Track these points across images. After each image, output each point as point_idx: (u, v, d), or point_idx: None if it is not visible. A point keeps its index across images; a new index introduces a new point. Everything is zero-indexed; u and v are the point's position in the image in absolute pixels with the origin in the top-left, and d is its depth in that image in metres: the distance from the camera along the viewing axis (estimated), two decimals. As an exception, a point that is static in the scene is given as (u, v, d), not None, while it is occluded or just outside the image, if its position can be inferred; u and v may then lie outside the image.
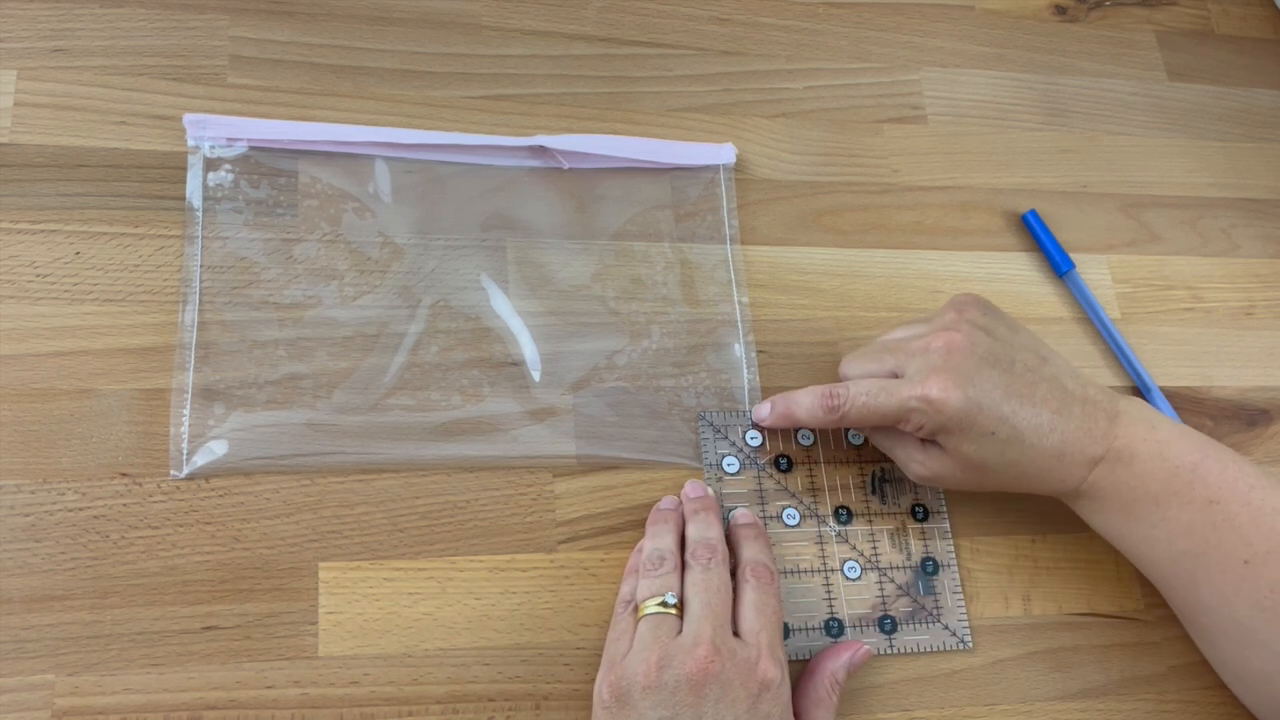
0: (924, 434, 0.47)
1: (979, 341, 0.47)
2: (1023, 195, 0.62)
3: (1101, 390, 0.48)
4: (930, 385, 0.45)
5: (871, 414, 0.47)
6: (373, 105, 0.55)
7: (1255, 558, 0.44)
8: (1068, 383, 0.47)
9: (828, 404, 0.48)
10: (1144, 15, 0.70)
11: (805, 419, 0.49)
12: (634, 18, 0.61)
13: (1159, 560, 0.47)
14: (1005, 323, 0.49)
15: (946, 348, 0.47)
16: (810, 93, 0.61)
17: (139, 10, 0.54)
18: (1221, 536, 0.45)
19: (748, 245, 0.57)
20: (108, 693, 0.43)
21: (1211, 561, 0.45)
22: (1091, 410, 0.47)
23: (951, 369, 0.46)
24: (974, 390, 0.45)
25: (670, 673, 0.41)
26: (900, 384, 0.47)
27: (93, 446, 0.46)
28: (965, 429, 0.46)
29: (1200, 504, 0.45)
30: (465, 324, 0.52)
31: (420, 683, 0.45)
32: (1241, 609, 0.45)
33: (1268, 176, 0.66)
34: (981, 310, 0.49)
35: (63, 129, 0.51)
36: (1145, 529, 0.46)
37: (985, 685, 0.50)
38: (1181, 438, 0.46)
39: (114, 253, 0.49)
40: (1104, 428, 0.46)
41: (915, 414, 0.46)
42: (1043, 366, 0.47)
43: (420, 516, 0.48)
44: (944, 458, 0.47)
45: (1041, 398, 0.46)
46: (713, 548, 0.46)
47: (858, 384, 0.48)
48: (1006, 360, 0.47)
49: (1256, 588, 0.44)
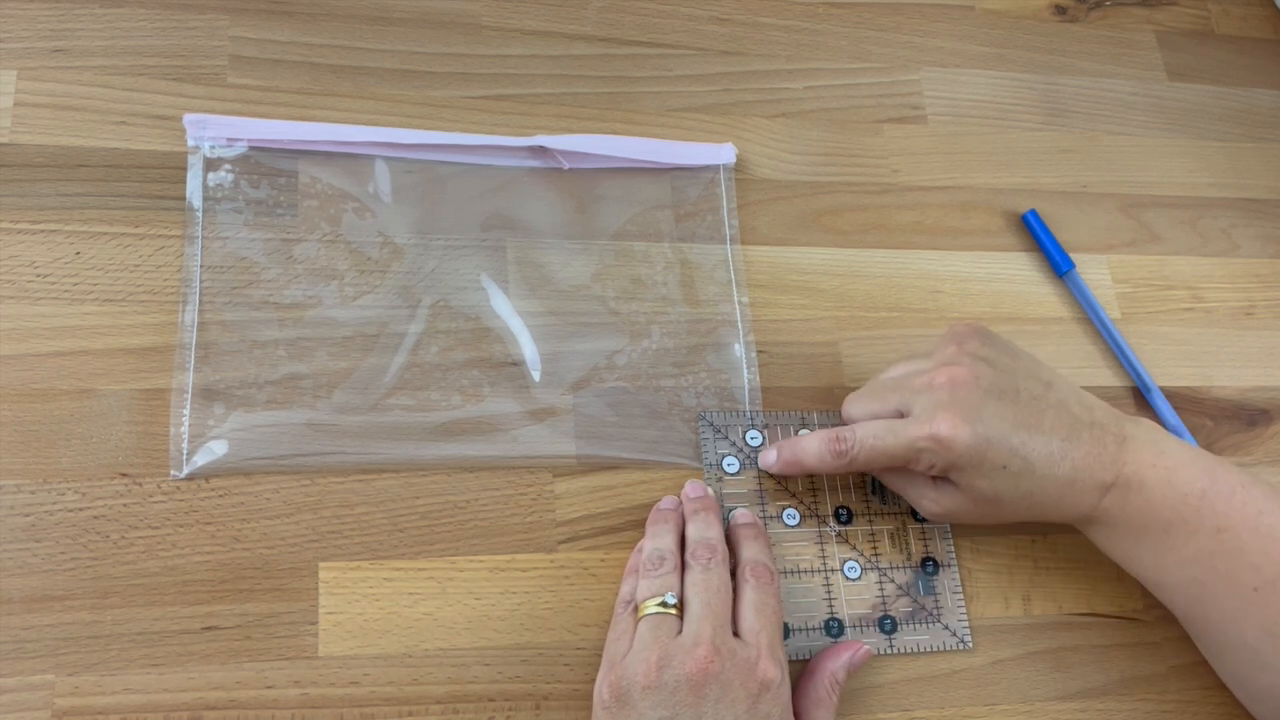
0: (935, 472, 0.47)
1: (983, 374, 0.46)
2: (1023, 195, 0.62)
3: (1107, 412, 0.48)
4: (938, 424, 0.45)
5: (880, 456, 0.47)
6: (373, 105, 0.55)
7: (1264, 585, 0.44)
8: (1074, 408, 0.47)
9: (836, 449, 0.48)
10: (1144, 15, 0.70)
11: (814, 465, 0.49)
12: (634, 18, 0.61)
13: (1168, 585, 0.47)
14: (1006, 351, 0.48)
15: (951, 383, 0.46)
16: (810, 93, 0.61)
17: (139, 10, 0.54)
18: (1230, 564, 0.45)
19: (748, 245, 0.57)
20: (108, 693, 0.43)
21: (1220, 589, 0.45)
22: (1100, 434, 0.46)
23: (958, 405, 0.45)
24: (982, 426, 0.45)
25: (670, 673, 0.41)
26: (907, 424, 0.46)
27: (93, 446, 0.46)
28: (977, 465, 0.45)
29: (1209, 532, 0.45)
30: (465, 324, 0.52)
31: (420, 683, 0.45)
32: (1250, 633, 0.45)
33: (1268, 176, 0.66)
34: (981, 340, 0.48)
35: (63, 129, 0.51)
36: (1154, 556, 0.46)
37: (985, 685, 0.50)
38: (1190, 463, 0.46)
39: (114, 253, 0.49)
40: (1113, 453, 0.46)
41: (925, 454, 0.46)
42: (1048, 393, 0.47)
43: (420, 516, 0.48)
44: (957, 494, 0.47)
45: (1050, 425, 0.46)
46: (712, 548, 0.46)
47: (865, 426, 0.47)
48: (1012, 391, 0.46)
49: (1265, 613, 0.44)
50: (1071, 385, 0.49)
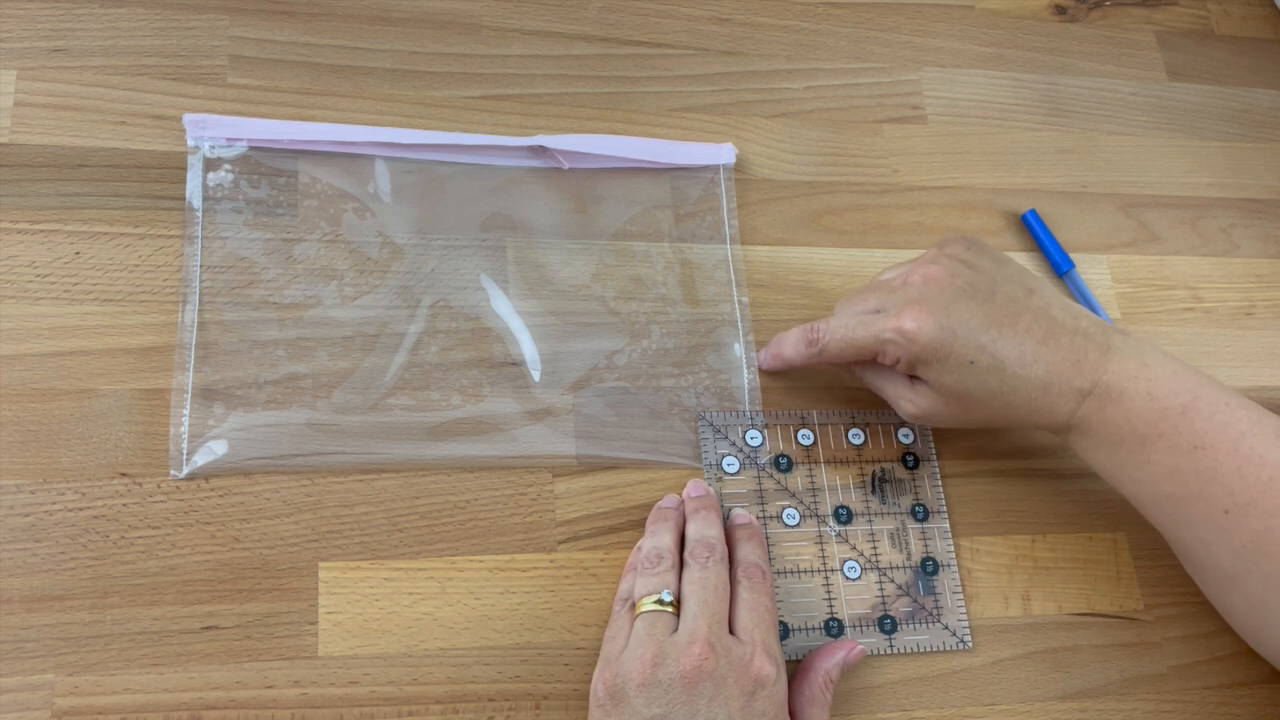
0: (902, 367, 0.47)
1: (958, 273, 0.47)
2: (1023, 195, 0.62)
3: (1096, 323, 0.47)
4: (904, 317, 0.46)
5: (849, 346, 0.48)
6: (373, 105, 0.55)
7: (1236, 508, 0.43)
8: (1057, 313, 0.47)
9: (809, 337, 0.50)
10: (1144, 15, 0.70)
11: (791, 355, 0.51)
12: (634, 18, 0.61)
13: (1144, 501, 0.47)
14: (991, 257, 0.49)
15: (924, 280, 0.47)
16: (810, 93, 0.61)
17: (139, 10, 0.54)
18: (1204, 484, 0.44)
19: (748, 245, 0.57)
20: (108, 693, 0.43)
21: (1193, 508, 0.45)
22: (1082, 342, 0.46)
23: (927, 300, 0.46)
24: (949, 319, 0.45)
25: (665, 670, 0.41)
26: (877, 317, 0.47)
27: (93, 446, 0.46)
28: (942, 359, 0.46)
29: (1185, 449, 0.44)
30: (465, 324, 0.52)
31: (420, 683, 0.45)
32: (1222, 556, 0.44)
33: (1268, 176, 0.66)
34: (965, 246, 0.49)
35: (63, 129, 0.51)
36: (1131, 469, 0.46)
37: (985, 685, 0.50)
38: (1174, 376, 0.45)
39: (114, 253, 0.49)
40: (1094, 360, 0.46)
41: (890, 345, 0.46)
42: (1029, 298, 0.47)
43: (420, 516, 0.48)
44: (930, 393, 0.48)
45: (1025, 327, 0.46)
46: (711, 546, 0.46)
47: (837, 318, 0.49)
48: (987, 291, 0.47)
49: (1236, 537, 0.44)
50: (1060, 295, 0.48)
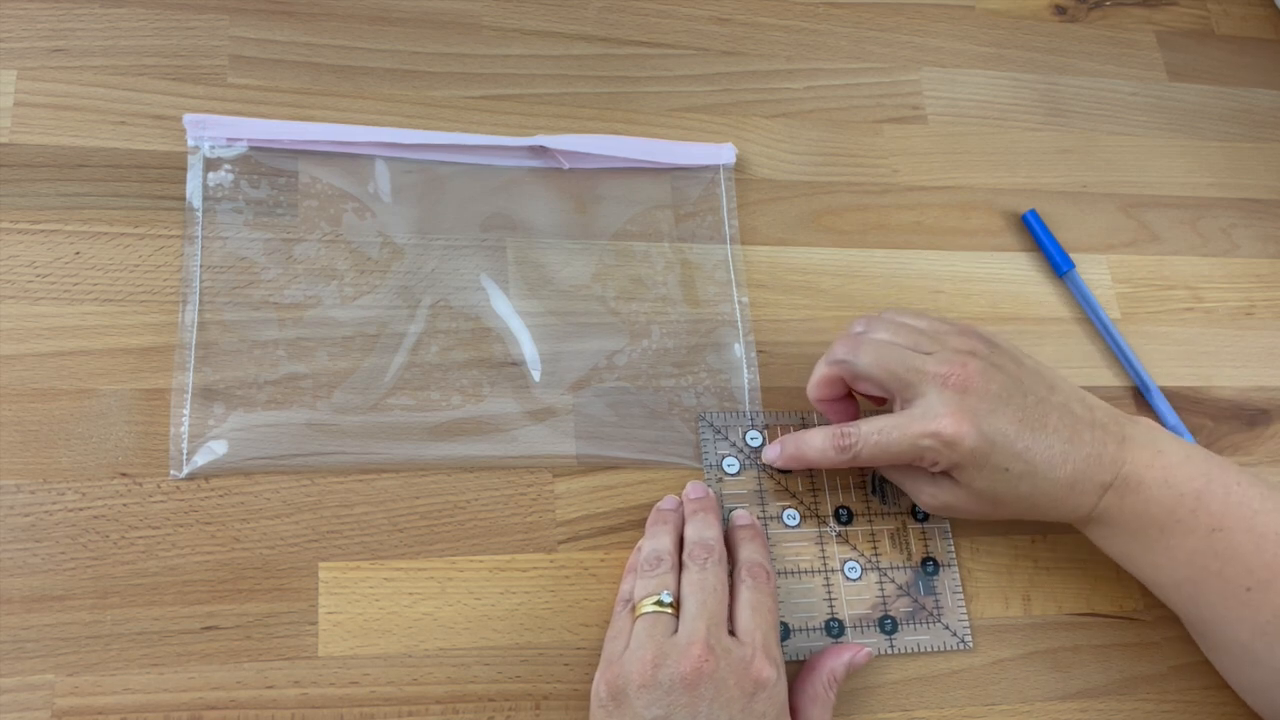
0: (938, 470, 0.47)
1: (992, 377, 0.46)
2: (1023, 195, 0.62)
3: (1108, 412, 0.48)
4: (944, 422, 0.45)
5: (884, 453, 0.46)
6: (373, 105, 0.55)
7: (1257, 585, 0.44)
8: (1076, 409, 0.47)
9: (840, 444, 0.47)
10: (1144, 15, 0.70)
11: (816, 459, 0.49)
12: (634, 18, 0.61)
13: (1164, 584, 0.47)
14: (1010, 355, 0.48)
15: (962, 382, 0.45)
16: (810, 93, 0.61)
17: (139, 10, 0.54)
18: (1224, 564, 0.45)
19: (748, 245, 0.57)
20: (108, 693, 0.43)
21: (1214, 588, 0.45)
22: (1100, 435, 0.46)
23: (966, 407, 0.45)
24: (989, 427, 0.45)
25: (665, 671, 0.41)
26: (913, 420, 0.46)
27: (93, 446, 0.46)
28: (980, 465, 0.45)
29: (1203, 532, 0.45)
30: (465, 324, 0.52)
31: (420, 683, 0.45)
32: (1244, 633, 0.45)
33: (1268, 176, 0.66)
34: (987, 345, 0.48)
35: (63, 129, 0.51)
36: (1151, 555, 0.46)
37: (985, 685, 0.50)
38: (1187, 462, 0.46)
39: (114, 253, 0.49)
40: (1113, 453, 0.46)
41: (929, 451, 0.45)
42: (1052, 395, 0.47)
43: (420, 516, 0.48)
44: (956, 490, 0.47)
45: (1054, 427, 0.46)
46: (710, 548, 0.46)
47: (869, 422, 0.47)
48: (1019, 393, 0.46)
49: (1259, 614, 0.44)
50: (1074, 387, 0.48)
